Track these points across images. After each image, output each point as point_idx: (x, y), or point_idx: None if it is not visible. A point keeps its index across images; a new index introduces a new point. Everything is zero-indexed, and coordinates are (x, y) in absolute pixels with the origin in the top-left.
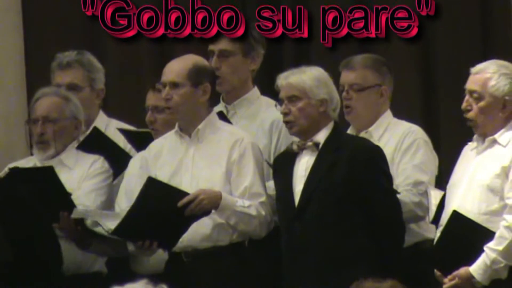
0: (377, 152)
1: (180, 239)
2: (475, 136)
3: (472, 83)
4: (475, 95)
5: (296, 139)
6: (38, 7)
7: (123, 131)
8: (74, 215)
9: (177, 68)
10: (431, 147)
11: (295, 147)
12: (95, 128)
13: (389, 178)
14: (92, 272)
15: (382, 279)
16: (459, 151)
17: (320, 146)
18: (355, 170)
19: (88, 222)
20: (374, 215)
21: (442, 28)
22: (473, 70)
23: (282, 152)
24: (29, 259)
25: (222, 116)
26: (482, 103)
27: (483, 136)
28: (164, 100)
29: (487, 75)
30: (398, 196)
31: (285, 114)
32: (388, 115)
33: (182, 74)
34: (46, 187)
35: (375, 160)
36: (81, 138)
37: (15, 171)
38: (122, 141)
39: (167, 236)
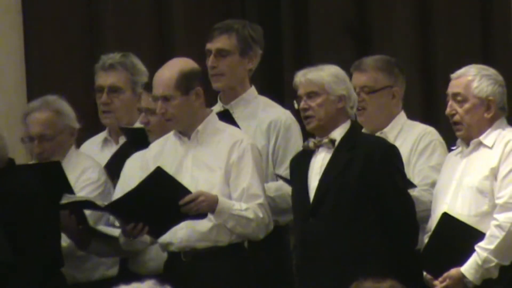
0: (393, 151)
1: (179, 239)
2: (458, 141)
3: (454, 87)
4: (459, 97)
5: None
6: (38, 7)
7: (123, 129)
8: (64, 200)
9: (164, 80)
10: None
11: (311, 144)
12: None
13: (404, 177)
14: (93, 280)
15: (381, 279)
16: None
17: (336, 143)
18: (371, 168)
19: (91, 220)
20: (388, 213)
21: (442, 27)
22: (453, 75)
23: (299, 151)
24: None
25: (227, 114)
26: (467, 105)
27: (468, 140)
28: (159, 114)
29: (469, 77)
30: (416, 194)
31: (304, 109)
32: (402, 116)
33: (171, 86)
34: (52, 183)
35: (390, 159)
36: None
37: (20, 167)
38: None
39: (157, 225)
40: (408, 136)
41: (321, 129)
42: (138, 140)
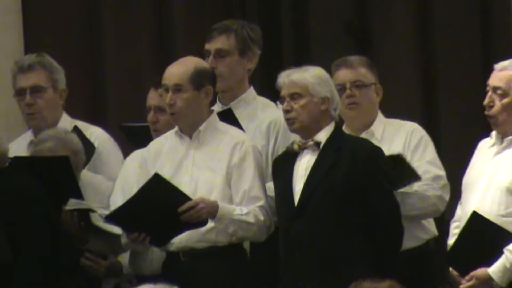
0: (378, 153)
1: (178, 239)
2: (493, 133)
3: (496, 80)
4: (499, 91)
5: (296, 138)
6: (38, 7)
7: (123, 127)
8: (68, 206)
9: (179, 71)
10: (433, 143)
11: (296, 146)
12: (76, 127)
13: (388, 179)
14: None
15: (380, 279)
16: (459, 150)
17: (321, 145)
18: (355, 170)
19: (94, 217)
20: (373, 215)
21: (442, 28)
22: (497, 66)
23: (282, 153)
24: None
25: (230, 114)
26: (506, 100)
27: (502, 135)
28: (167, 105)
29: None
30: (420, 190)
31: (286, 111)
32: (380, 114)
33: (185, 78)
34: (58, 177)
35: (375, 161)
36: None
37: (21, 160)
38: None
39: (158, 234)
40: (397, 134)
41: (304, 131)
42: (141, 139)
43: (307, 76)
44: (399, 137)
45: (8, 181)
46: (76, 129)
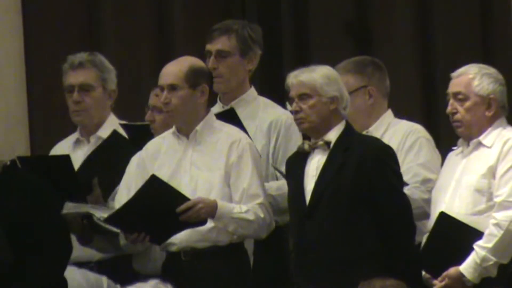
0: (387, 152)
1: (179, 239)
2: (459, 141)
3: (455, 86)
4: (460, 96)
5: (298, 138)
6: (38, 7)
7: (124, 126)
8: (65, 210)
9: (174, 70)
10: (434, 146)
11: (306, 146)
12: (115, 131)
13: (399, 178)
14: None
15: (386, 278)
16: None
17: (331, 145)
18: (365, 169)
19: (95, 217)
20: (383, 215)
21: (442, 27)
22: (454, 74)
23: (294, 152)
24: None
25: (232, 113)
26: (468, 103)
27: (468, 139)
28: (163, 104)
29: (470, 75)
30: (408, 192)
31: (296, 112)
32: (388, 115)
33: (180, 77)
34: (59, 176)
35: (385, 160)
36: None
37: (25, 160)
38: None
39: (158, 233)
40: (394, 134)
41: (314, 131)
42: (142, 137)
43: (315, 76)
44: (396, 137)
45: (12, 180)
46: (115, 134)
